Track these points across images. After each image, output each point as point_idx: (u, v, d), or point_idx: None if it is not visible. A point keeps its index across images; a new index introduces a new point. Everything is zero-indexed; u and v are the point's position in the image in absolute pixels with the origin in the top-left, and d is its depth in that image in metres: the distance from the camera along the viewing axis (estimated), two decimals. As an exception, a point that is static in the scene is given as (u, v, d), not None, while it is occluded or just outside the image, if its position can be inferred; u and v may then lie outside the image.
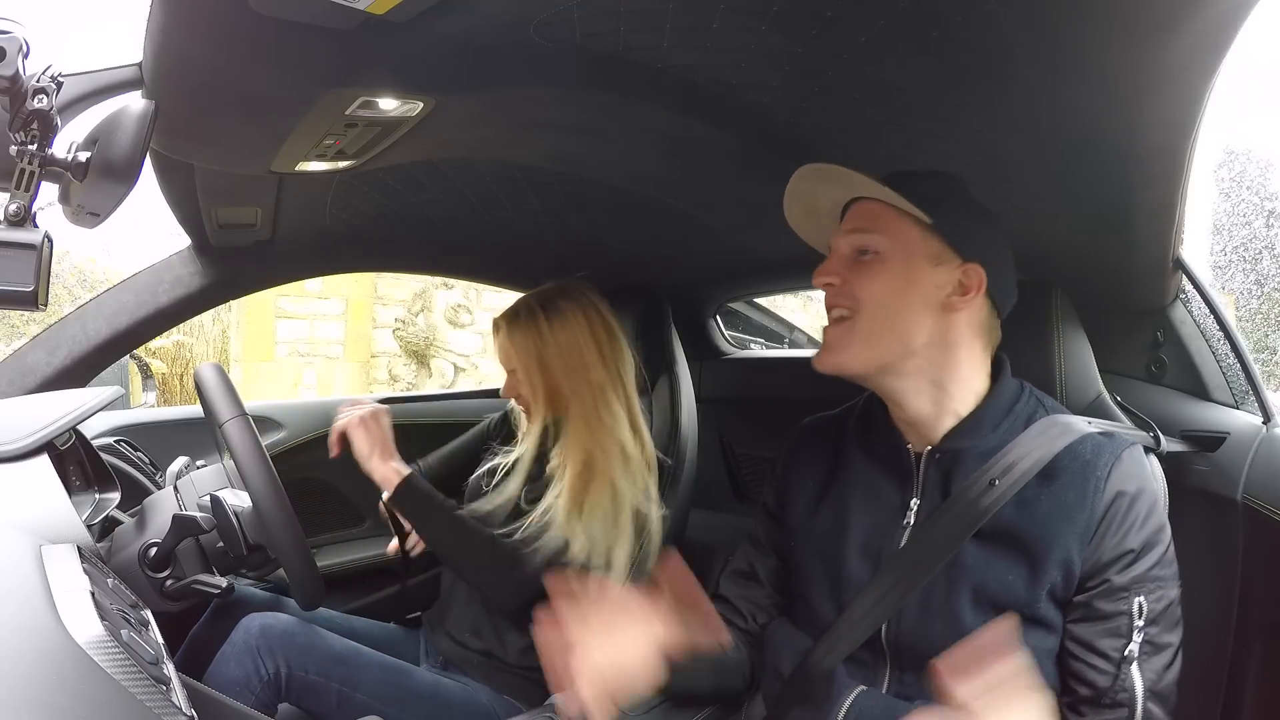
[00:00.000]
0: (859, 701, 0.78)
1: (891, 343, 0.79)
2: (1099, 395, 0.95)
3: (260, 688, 1.05)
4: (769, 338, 2.53)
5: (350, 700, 1.09)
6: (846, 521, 0.84)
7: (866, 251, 0.81)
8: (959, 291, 0.79)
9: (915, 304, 0.79)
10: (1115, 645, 0.73)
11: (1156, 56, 0.64)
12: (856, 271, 0.81)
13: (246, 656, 1.06)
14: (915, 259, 0.79)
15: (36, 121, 0.63)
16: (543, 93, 0.88)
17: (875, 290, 0.79)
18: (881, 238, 0.80)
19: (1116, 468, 0.76)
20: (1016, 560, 0.75)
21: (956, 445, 0.80)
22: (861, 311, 0.80)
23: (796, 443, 0.95)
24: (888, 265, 0.79)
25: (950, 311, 0.79)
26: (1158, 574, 0.74)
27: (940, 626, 0.76)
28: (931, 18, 0.67)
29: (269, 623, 1.10)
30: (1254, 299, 8.20)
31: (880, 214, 0.80)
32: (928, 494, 0.81)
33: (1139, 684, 0.73)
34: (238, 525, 0.98)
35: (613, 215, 1.40)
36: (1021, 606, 0.74)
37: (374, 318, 5.48)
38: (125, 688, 0.54)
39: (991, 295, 0.81)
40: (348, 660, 1.11)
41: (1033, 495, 0.76)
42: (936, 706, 0.74)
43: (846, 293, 0.81)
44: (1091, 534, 0.74)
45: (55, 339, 1.24)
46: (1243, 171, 9.35)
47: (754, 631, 0.92)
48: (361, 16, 0.66)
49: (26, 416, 0.93)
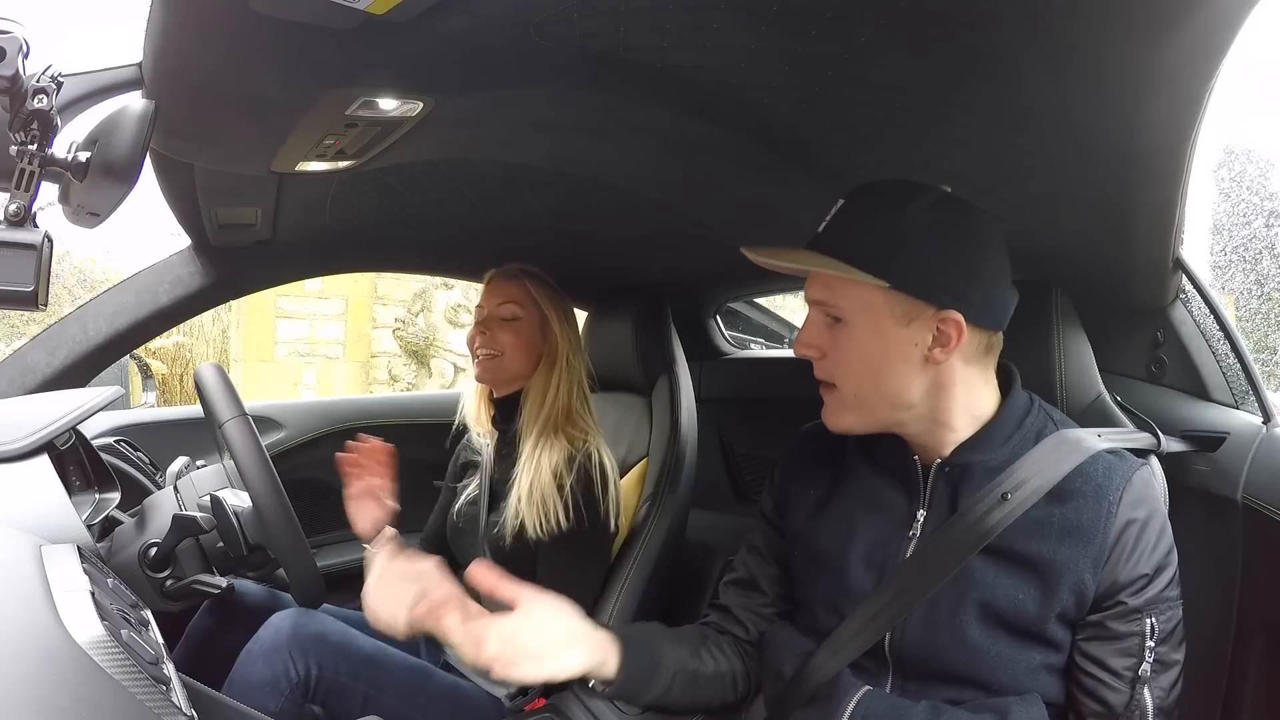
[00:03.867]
0: (865, 701, 0.78)
1: (882, 405, 0.77)
2: (1099, 395, 0.95)
3: (290, 689, 1.03)
4: (769, 338, 2.53)
5: (375, 702, 1.08)
6: (851, 531, 0.83)
7: (835, 318, 0.77)
8: (940, 343, 0.75)
9: (896, 367, 0.75)
10: (1128, 664, 0.73)
11: (1156, 56, 0.64)
12: (831, 340, 0.78)
13: (276, 656, 1.04)
14: (883, 324, 0.75)
15: (36, 121, 0.63)
16: (543, 93, 0.88)
17: (851, 361, 0.77)
18: (842, 307, 0.76)
19: (1128, 492, 0.75)
20: (1028, 580, 0.75)
21: (966, 459, 0.79)
22: (844, 383, 0.78)
23: (796, 450, 0.93)
24: (856, 334, 0.76)
25: (936, 364, 0.75)
26: (1168, 595, 0.75)
27: (946, 639, 0.76)
28: (931, 18, 0.67)
29: (301, 622, 1.08)
30: (1254, 299, 8.19)
31: (835, 282, 0.76)
32: (935, 506, 0.80)
33: (1150, 703, 0.73)
34: (238, 525, 0.98)
35: (613, 215, 1.40)
36: (1030, 624, 0.74)
37: (374, 318, 5.48)
38: (125, 688, 0.54)
39: (980, 325, 0.76)
40: (377, 662, 1.11)
41: (1044, 516, 0.75)
42: (946, 709, 0.74)
43: (825, 366, 0.79)
44: (1105, 559, 0.73)
45: (55, 339, 1.24)
46: (1243, 171, 9.35)
47: (753, 641, 0.91)
48: (361, 16, 0.66)
49: (26, 416, 0.93)
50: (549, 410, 1.23)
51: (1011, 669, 0.75)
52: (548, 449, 1.20)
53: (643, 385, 1.48)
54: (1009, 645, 0.75)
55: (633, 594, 1.28)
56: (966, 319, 0.74)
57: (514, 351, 1.27)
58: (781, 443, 0.97)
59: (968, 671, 0.75)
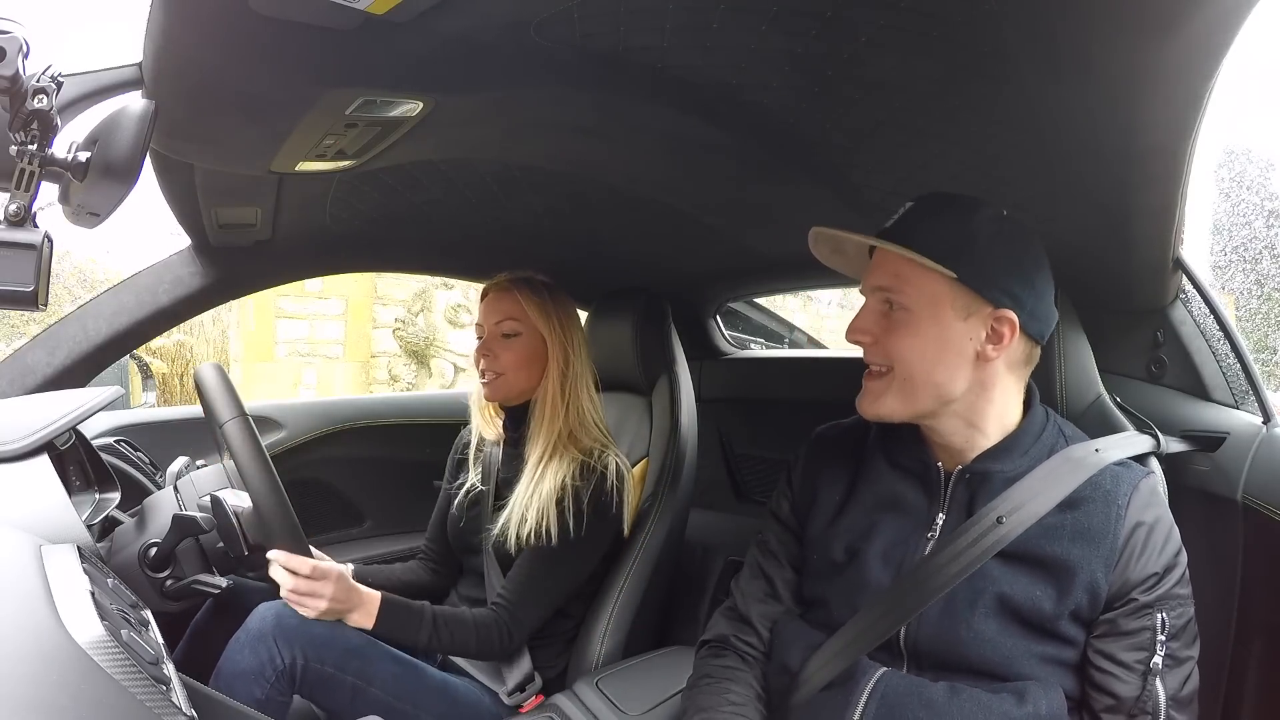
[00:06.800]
0: (884, 681, 0.79)
1: (929, 395, 0.80)
2: (1099, 396, 0.95)
3: (275, 677, 1.03)
4: (769, 338, 2.54)
5: (364, 695, 1.08)
6: (870, 530, 0.85)
7: (894, 306, 0.80)
8: (993, 339, 0.78)
9: (949, 359, 0.79)
10: (1139, 658, 0.75)
11: (1156, 56, 0.64)
12: (887, 328, 0.80)
13: (261, 645, 1.04)
14: (944, 314, 0.78)
15: (36, 121, 0.63)
16: (543, 93, 0.88)
17: (907, 349, 0.79)
18: (907, 294, 0.79)
19: (1135, 497, 0.78)
20: (1044, 579, 0.77)
21: (986, 468, 0.82)
22: (896, 369, 0.80)
23: (814, 452, 0.94)
24: (917, 323, 0.79)
25: (986, 360, 0.79)
26: (1178, 592, 0.77)
27: (962, 632, 0.77)
28: (931, 18, 0.67)
29: (286, 612, 1.07)
30: (1254, 299, 8.18)
31: (903, 269, 0.79)
32: (953, 510, 0.82)
33: (1162, 695, 0.74)
34: (238, 525, 0.97)
35: (613, 215, 1.40)
36: (1045, 620, 0.76)
37: (374, 318, 5.48)
38: (125, 688, 0.54)
39: (1028, 332, 0.80)
40: (364, 654, 1.11)
41: (1056, 522, 0.78)
42: (965, 689, 0.75)
43: (879, 350, 0.81)
44: (1116, 559, 0.76)
45: (55, 339, 1.24)
46: (1243, 171, 9.34)
47: (767, 647, 0.91)
48: (361, 16, 0.66)
49: (26, 416, 0.93)
50: (559, 421, 1.23)
51: (1025, 662, 0.76)
52: (555, 462, 1.20)
53: (643, 385, 1.48)
54: (1023, 639, 0.76)
55: (633, 594, 1.29)
56: (1019, 322, 0.78)
57: (516, 369, 1.26)
58: (781, 442, 0.97)
59: (982, 664, 0.77)
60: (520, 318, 1.27)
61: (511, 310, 1.27)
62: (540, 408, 1.25)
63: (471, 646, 1.16)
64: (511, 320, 1.27)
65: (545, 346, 1.27)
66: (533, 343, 1.27)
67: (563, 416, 1.24)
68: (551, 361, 1.26)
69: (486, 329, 1.29)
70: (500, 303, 1.28)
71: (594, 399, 1.29)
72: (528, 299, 1.27)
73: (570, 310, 1.31)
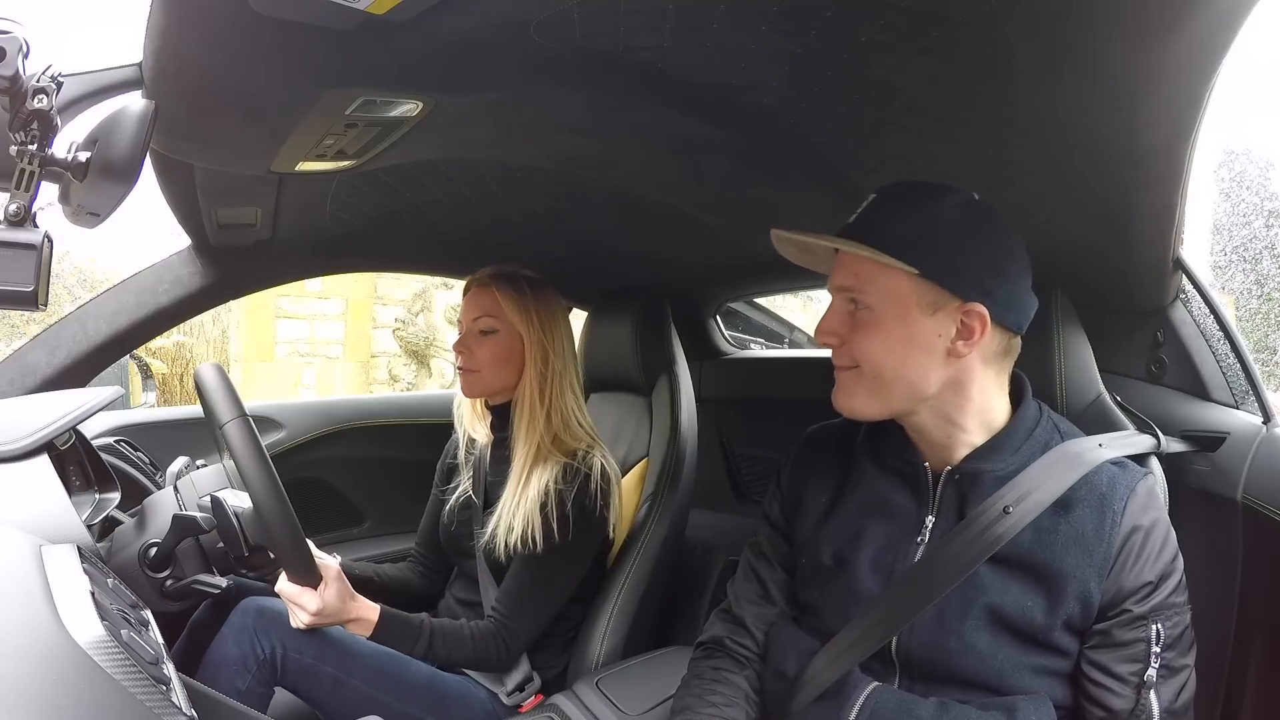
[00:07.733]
0: (874, 697, 0.78)
1: (900, 394, 0.78)
2: (1099, 396, 0.95)
3: (257, 667, 1.06)
4: (769, 338, 2.54)
5: (345, 686, 1.09)
6: (859, 535, 0.83)
7: (859, 305, 0.78)
8: (963, 335, 0.76)
9: (918, 356, 0.76)
10: (1133, 670, 0.74)
11: (1156, 56, 0.64)
12: (854, 328, 0.78)
13: (244, 636, 1.07)
14: (909, 312, 0.76)
15: (36, 121, 0.63)
16: (543, 93, 0.88)
17: (873, 349, 0.77)
18: (870, 293, 0.77)
19: (1131, 500, 0.76)
20: (1034, 588, 0.75)
21: (975, 468, 0.80)
22: (865, 369, 0.78)
23: (803, 454, 0.93)
24: (882, 322, 0.77)
25: (958, 356, 0.77)
26: (1173, 601, 0.75)
27: (953, 642, 0.76)
28: (931, 18, 0.67)
29: (266, 605, 1.10)
30: (1254, 299, 8.18)
31: (864, 267, 0.77)
32: (943, 513, 0.80)
33: (1156, 707, 0.73)
34: (238, 525, 0.97)
35: (613, 215, 1.39)
36: (1037, 631, 0.74)
37: (374, 318, 5.48)
38: (125, 688, 0.54)
39: (1003, 323, 0.77)
40: (343, 646, 1.11)
41: (1049, 525, 0.76)
42: (954, 706, 0.74)
43: (846, 352, 0.79)
44: (1110, 567, 0.74)
45: (55, 339, 1.24)
46: (1243, 171, 9.33)
47: (761, 650, 0.91)
48: (361, 16, 0.66)
49: (26, 416, 0.92)
50: (539, 423, 1.22)
51: (1017, 673, 0.75)
52: (539, 467, 1.20)
53: (643, 385, 1.48)
54: (1015, 650, 0.75)
55: (633, 593, 1.29)
56: (990, 315, 0.75)
57: (491, 366, 1.25)
58: (781, 442, 0.97)
59: (974, 675, 0.75)
60: (497, 314, 1.25)
61: (488, 307, 1.26)
62: (520, 407, 1.24)
63: (470, 660, 1.16)
64: (488, 317, 1.26)
65: (522, 345, 1.25)
66: (509, 340, 1.25)
67: (544, 417, 1.23)
68: (529, 360, 1.24)
69: (465, 325, 1.28)
70: (478, 299, 1.27)
71: (578, 398, 1.28)
72: (505, 296, 1.25)
73: (553, 307, 1.28)
